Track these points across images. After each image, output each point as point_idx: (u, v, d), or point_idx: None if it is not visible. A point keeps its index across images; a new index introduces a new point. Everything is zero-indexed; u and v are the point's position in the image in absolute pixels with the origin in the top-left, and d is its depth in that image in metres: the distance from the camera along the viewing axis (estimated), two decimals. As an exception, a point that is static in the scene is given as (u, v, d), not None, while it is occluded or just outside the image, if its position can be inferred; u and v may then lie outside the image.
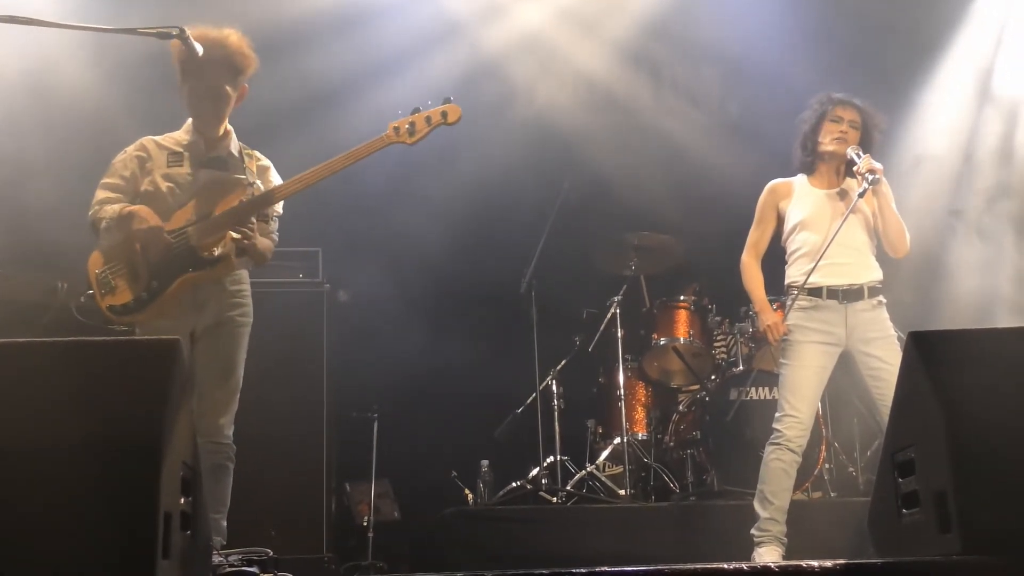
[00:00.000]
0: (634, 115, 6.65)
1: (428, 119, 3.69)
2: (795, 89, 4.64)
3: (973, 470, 2.04)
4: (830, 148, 4.30)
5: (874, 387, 4.12)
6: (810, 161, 4.39)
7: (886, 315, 4.22)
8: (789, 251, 4.38)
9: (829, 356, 4.18)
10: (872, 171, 4.10)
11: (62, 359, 2.12)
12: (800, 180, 4.41)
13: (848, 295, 4.18)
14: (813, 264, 4.18)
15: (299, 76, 5.52)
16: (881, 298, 4.23)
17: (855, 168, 4.19)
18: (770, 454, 4.13)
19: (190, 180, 3.68)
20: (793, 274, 4.32)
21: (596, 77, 6.63)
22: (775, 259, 4.51)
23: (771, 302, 5.35)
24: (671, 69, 6.77)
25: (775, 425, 4.16)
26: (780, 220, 4.42)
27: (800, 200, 4.36)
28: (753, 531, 4.11)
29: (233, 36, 3.68)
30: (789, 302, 4.29)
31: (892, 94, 6.35)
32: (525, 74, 6.46)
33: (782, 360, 4.25)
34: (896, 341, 4.13)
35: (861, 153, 4.21)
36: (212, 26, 3.64)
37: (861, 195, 4.13)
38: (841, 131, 4.30)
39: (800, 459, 4.14)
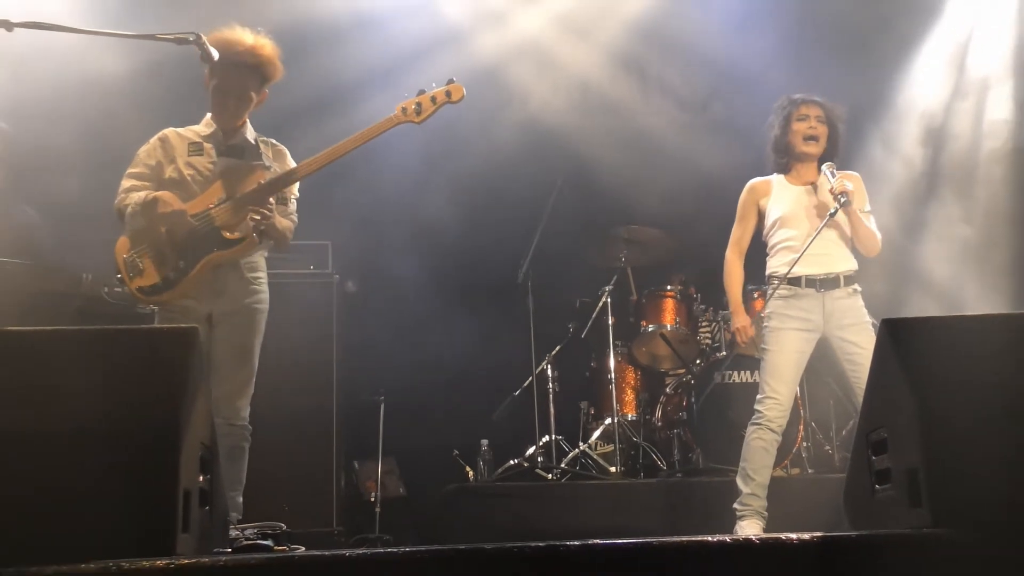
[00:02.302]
0: (623, 116, 6.65)
1: (433, 99, 3.70)
2: (775, 89, 4.62)
3: (942, 448, 2.04)
4: (804, 149, 4.30)
5: (850, 370, 4.12)
6: (785, 162, 4.38)
7: (861, 302, 4.22)
8: (770, 244, 4.38)
9: (807, 342, 4.18)
10: (844, 193, 4.09)
11: (88, 346, 2.13)
12: (777, 178, 4.41)
13: (825, 284, 4.18)
14: (793, 256, 4.19)
15: (309, 76, 5.51)
16: (856, 286, 4.23)
17: (829, 188, 4.17)
18: (752, 434, 4.14)
19: (211, 167, 3.69)
20: (774, 265, 4.32)
21: (588, 80, 6.62)
22: (757, 251, 4.51)
23: (753, 291, 5.40)
24: (659, 72, 6.76)
25: (757, 407, 4.16)
26: (761, 217, 4.42)
27: (779, 197, 4.35)
28: (736, 505, 4.12)
29: (268, 47, 3.68)
30: (770, 291, 4.29)
31: (867, 90, 6.38)
32: (521, 77, 6.45)
33: (763, 346, 4.25)
34: (871, 327, 4.13)
35: (835, 172, 4.20)
36: (248, 30, 3.64)
37: (832, 215, 4.12)
38: (810, 127, 4.30)
39: (780, 438, 4.14)
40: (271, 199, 3.61)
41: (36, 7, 4.06)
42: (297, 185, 3.81)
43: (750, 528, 4.05)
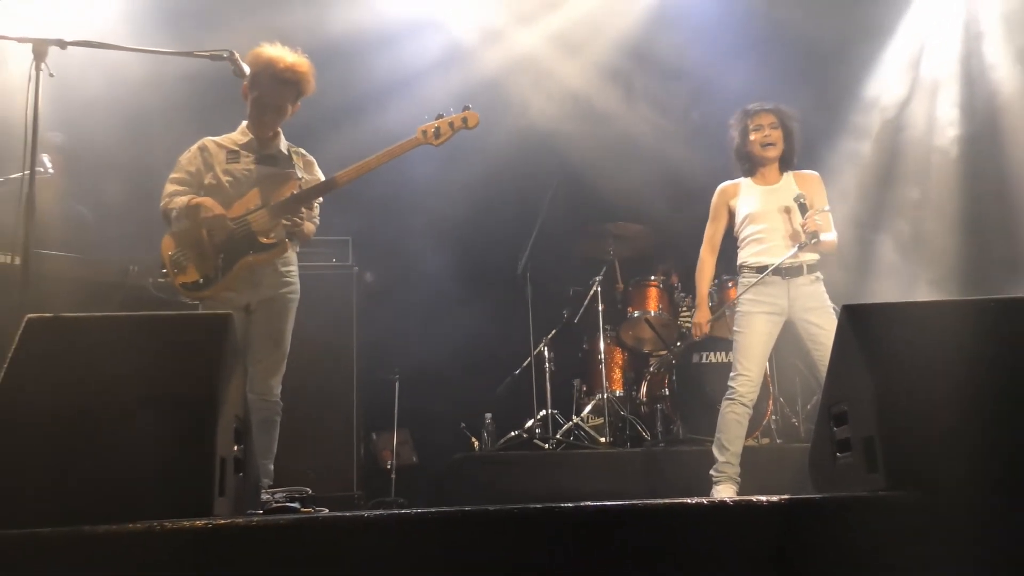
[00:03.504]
0: (611, 123, 6.62)
1: (451, 124, 3.67)
2: (747, 99, 4.60)
3: (895, 420, 2.04)
4: (762, 155, 4.29)
5: (813, 349, 4.12)
6: (748, 167, 4.37)
7: (823, 288, 4.21)
8: (740, 238, 4.36)
9: (774, 324, 4.17)
10: (814, 233, 4.09)
11: (135, 330, 2.12)
12: (745, 181, 4.40)
13: (789, 272, 4.17)
14: (761, 247, 4.19)
15: (332, 88, 5.51)
16: (818, 274, 4.22)
17: (801, 222, 4.15)
18: (726, 407, 4.13)
19: (247, 175, 3.65)
20: (744, 256, 4.31)
21: (579, 92, 6.59)
22: (729, 245, 4.51)
23: (728, 281, 5.40)
24: (643, 84, 6.74)
25: (730, 383, 4.16)
26: (731, 215, 4.40)
27: (747, 198, 4.34)
28: (712, 472, 4.12)
29: (306, 64, 3.65)
30: (741, 279, 4.29)
31: (830, 103, 6.38)
32: (520, 89, 6.43)
33: (735, 328, 4.25)
34: (832, 310, 4.12)
35: (807, 205, 4.17)
36: (287, 48, 3.62)
37: (800, 248, 4.12)
38: (764, 136, 4.28)
39: (751, 411, 4.14)
40: (304, 208, 3.60)
41: (86, 26, 4.07)
42: None
43: (725, 492, 4.04)
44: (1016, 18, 6.08)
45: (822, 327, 4.05)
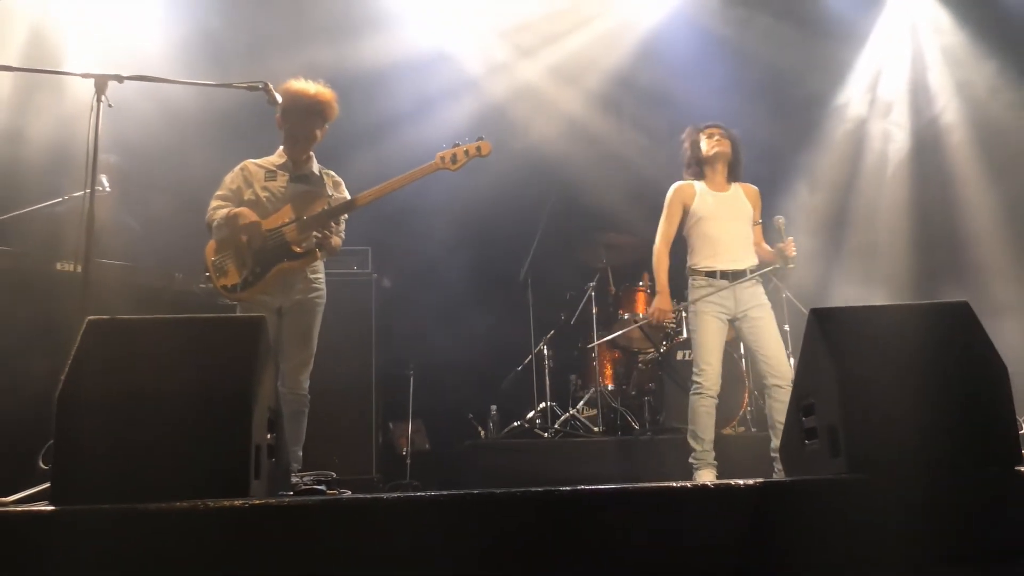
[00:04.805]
0: (604, 145, 6.65)
1: (467, 152, 3.69)
2: (725, 123, 4.63)
3: (856, 411, 2.05)
4: (714, 151, 4.24)
5: (750, 335, 4.09)
6: (697, 170, 4.32)
7: (762, 289, 4.20)
8: (692, 239, 4.28)
9: (723, 321, 4.14)
10: (794, 257, 4.13)
11: (179, 331, 2.13)
12: (698, 184, 4.30)
13: (736, 276, 4.14)
14: (712, 250, 4.16)
15: (356, 115, 5.55)
16: (758, 278, 4.20)
17: (780, 244, 4.16)
18: (695, 402, 4.09)
19: (283, 192, 3.68)
20: (697, 259, 4.23)
21: (575, 117, 6.62)
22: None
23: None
24: (631, 111, 6.76)
25: (695, 378, 4.11)
26: (684, 214, 4.29)
27: (701, 201, 4.25)
28: (691, 460, 4.09)
29: (327, 93, 3.69)
30: (693, 281, 4.22)
31: (795, 123, 6.43)
32: (522, 114, 6.45)
33: (691, 328, 4.18)
34: (769, 307, 4.13)
35: (784, 232, 4.17)
36: (311, 81, 3.66)
37: (777, 269, 4.17)
38: (716, 141, 4.27)
39: (716, 400, 4.09)
40: (332, 223, 3.62)
41: (138, 59, 4.10)
42: None
43: (706, 476, 4.03)
44: (952, 52, 6.21)
45: (760, 317, 4.07)
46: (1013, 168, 6.04)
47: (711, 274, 4.16)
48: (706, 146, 4.28)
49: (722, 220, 4.20)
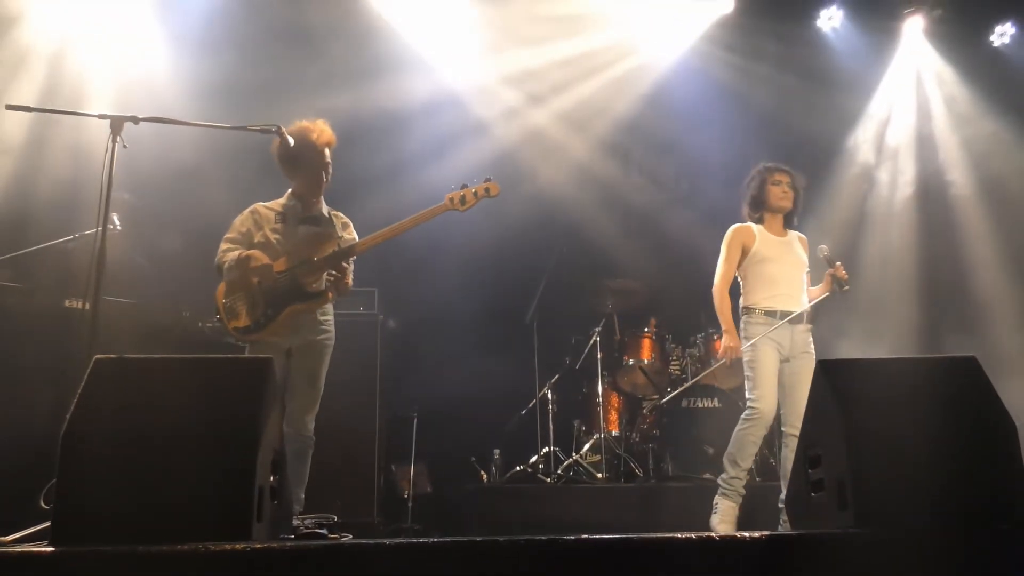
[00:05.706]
0: (611, 190, 6.69)
1: (476, 193, 3.70)
2: (730, 173, 4.67)
3: (863, 464, 2.04)
4: (780, 204, 4.27)
5: (792, 378, 4.06)
6: (759, 216, 4.32)
7: (811, 338, 4.20)
8: (750, 280, 4.24)
9: (779, 360, 4.11)
10: (846, 280, 4.12)
11: (188, 371, 2.14)
12: (758, 227, 4.30)
13: (795, 319, 4.13)
14: (773, 292, 4.15)
15: (368, 158, 5.61)
16: (811, 324, 4.20)
17: (830, 270, 4.16)
18: (746, 428, 4.00)
19: (292, 234, 3.70)
20: (756, 299, 4.19)
21: (583, 163, 6.68)
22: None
23: (712, 334, 5.36)
24: (639, 158, 6.83)
25: (751, 404, 4.02)
26: (743, 255, 4.26)
27: (763, 243, 4.25)
28: (720, 481, 4.01)
29: (322, 122, 3.73)
30: (750, 318, 4.17)
31: (801, 170, 6.49)
32: (531, 160, 6.51)
33: (747, 361, 4.10)
34: (813, 356, 4.11)
35: (830, 258, 4.18)
36: (307, 121, 3.70)
37: (831, 293, 4.15)
38: (783, 191, 4.28)
39: (767, 431, 4.02)
40: (344, 263, 3.63)
41: (153, 102, 4.17)
42: None
43: (725, 507, 3.95)
44: (954, 106, 6.32)
45: (806, 366, 4.04)
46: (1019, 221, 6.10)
47: (771, 313, 4.14)
48: (773, 195, 4.28)
49: (783, 264, 4.22)
